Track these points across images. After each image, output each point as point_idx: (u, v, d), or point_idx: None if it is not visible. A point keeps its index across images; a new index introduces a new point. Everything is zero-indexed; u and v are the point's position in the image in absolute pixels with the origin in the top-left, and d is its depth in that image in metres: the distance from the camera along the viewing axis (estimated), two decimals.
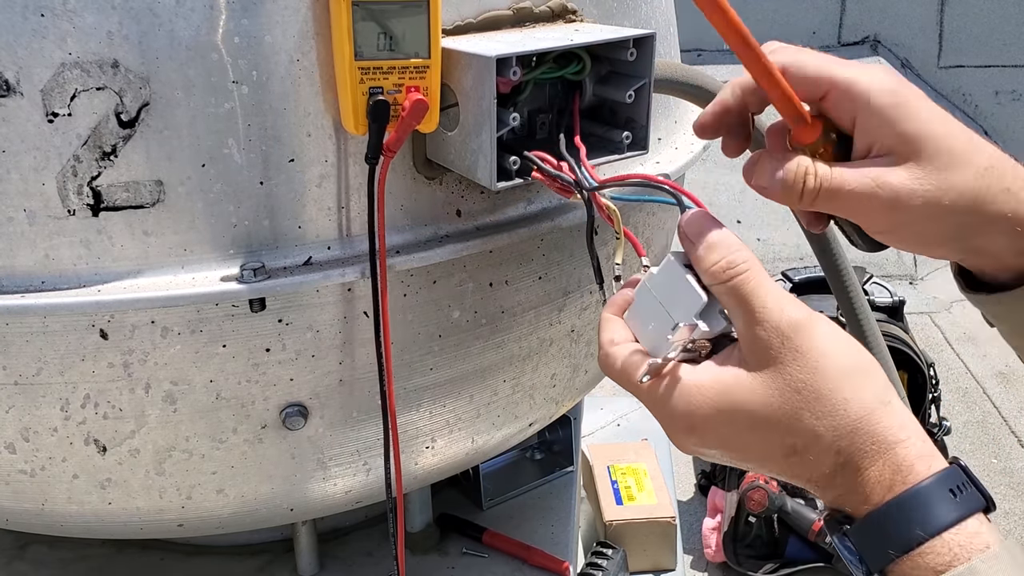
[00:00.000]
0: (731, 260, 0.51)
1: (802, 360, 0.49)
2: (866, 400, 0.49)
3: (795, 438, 0.50)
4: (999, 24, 4.12)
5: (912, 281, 3.35)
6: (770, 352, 0.50)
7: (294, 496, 0.74)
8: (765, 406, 0.50)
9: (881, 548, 0.48)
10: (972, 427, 2.56)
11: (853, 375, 0.50)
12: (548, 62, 0.63)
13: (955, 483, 0.49)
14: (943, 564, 0.47)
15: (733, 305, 0.51)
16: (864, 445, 0.49)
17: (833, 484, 0.50)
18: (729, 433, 0.52)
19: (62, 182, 0.61)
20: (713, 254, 0.52)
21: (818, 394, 0.49)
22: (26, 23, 0.58)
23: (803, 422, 0.50)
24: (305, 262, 0.65)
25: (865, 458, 0.49)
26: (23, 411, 0.67)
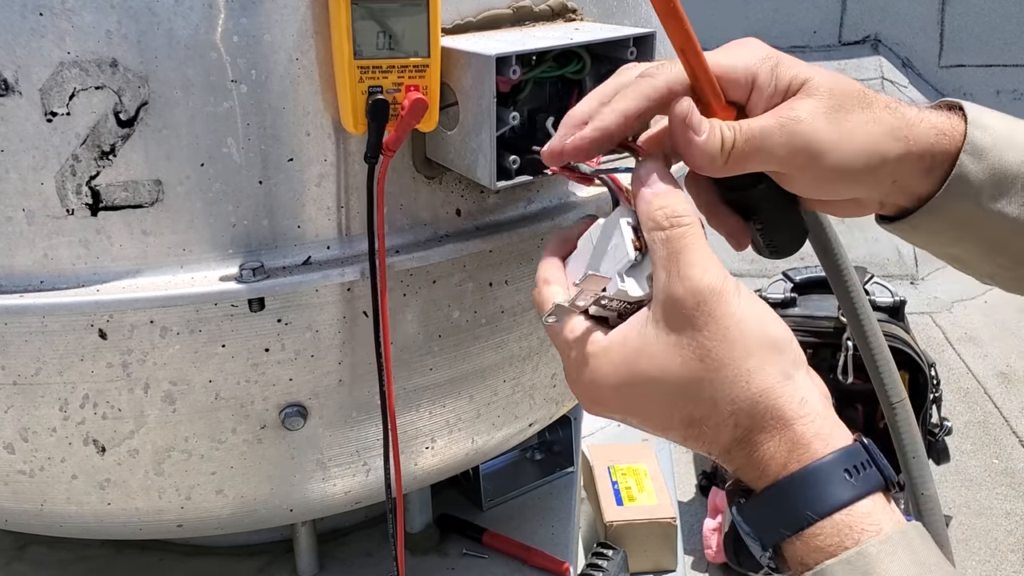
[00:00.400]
0: (677, 211, 0.50)
1: (712, 326, 0.48)
2: (769, 373, 0.48)
3: (693, 408, 0.49)
4: (1000, 23, 4.12)
5: (913, 281, 3.35)
6: (683, 312, 0.49)
7: (293, 497, 0.74)
8: (667, 372, 0.49)
9: (773, 526, 0.48)
10: (973, 427, 2.56)
11: (761, 348, 0.49)
12: (548, 61, 0.63)
13: (854, 462, 0.47)
14: (833, 546, 0.46)
15: (662, 257, 0.50)
16: (762, 420, 0.48)
17: (731, 457, 0.50)
18: (631, 400, 0.51)
19: (61, 181, 0.60)
20: (661, 199, 0.50)
21: (721, 363, 0.48)
22: (25, 22, 0.58)
23: (703, 391, 0.49)
24: (304, 262, 0.65)
25: (762, 432, 0.48)
26: (22, 411, 0.67)
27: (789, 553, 0.48)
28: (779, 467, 0.48)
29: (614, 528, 1.38)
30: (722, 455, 0.50)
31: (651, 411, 0.51)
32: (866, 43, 4.21)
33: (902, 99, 0.61)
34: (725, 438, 0.49)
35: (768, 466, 0.48)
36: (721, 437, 0.49)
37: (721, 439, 0.49)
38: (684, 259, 0.49)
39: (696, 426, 0.50)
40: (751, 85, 0.54)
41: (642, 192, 0.51)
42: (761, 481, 0.48)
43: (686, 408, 0.50)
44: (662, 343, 0.49)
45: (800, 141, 0.53)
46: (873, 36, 4.22)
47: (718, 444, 0.50)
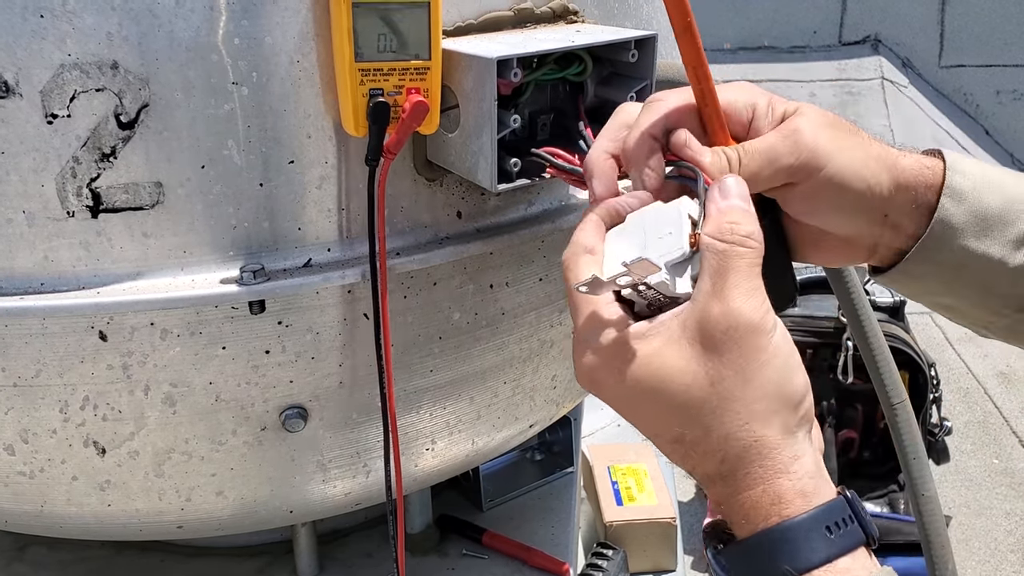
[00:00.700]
0: (744, 231, 0.49)
1: (735, 356, 0.48)
2: (772, 423, 0.48)
3: (687, 427, 0.49)
4: (1000, 23, 4.12)
5: None
6: (712, 331, 0.48)
7: (294, 498, 0.74)
8: (674, 383, 0.48)
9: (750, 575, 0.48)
10: (973, 427, 2.56)
11: (774, 396, 0.48)
12: (549, 63, 0.63)
13: (836, 518, 0.47)
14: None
15: (712, 269, 0.48)
16: (751, 465, 0.48)
17: (714, 488, 0.49)
18: (631, 396, 0.50)
19: (61, 184, 0.60)
20: (735, 215, 0.49)
21: (730, 396, 0.48)
22: (25, 24, 0.58)
23: (702, 416, 0.48)
24: (305, 264, 0.65)
25: (748, 477, 0.48)
26: (22, 413, 0.67)
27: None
28: (761, 517, 0.48)
29: (614, 528, 1.38)
30: (703, 481, 0.50)
31: (645, 414, 0.51)
32: (866, 43, 4.21)
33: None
34: (709, 468, 0.49)
35: (749, 514, 0.48)
36: (705, 465, 0.49)
37: (705, 467, 0.49)
38: (732, 279, 0.48)
39: (682, 445, 0.50)
40: (751, 115, 0.56)
41: (720, 201, 0.50)
42: (742, 528, 0.48)
43: (679, 425, 0.49)
44: (682, 352, 0.49)
45: (804, 149, 0.55)
46: (873, 36, 4.22)
47: (700, 470, 0.50)
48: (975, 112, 4.18)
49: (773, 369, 0.48)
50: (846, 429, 2.29)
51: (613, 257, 0.52)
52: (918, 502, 0.96)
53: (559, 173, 0.62)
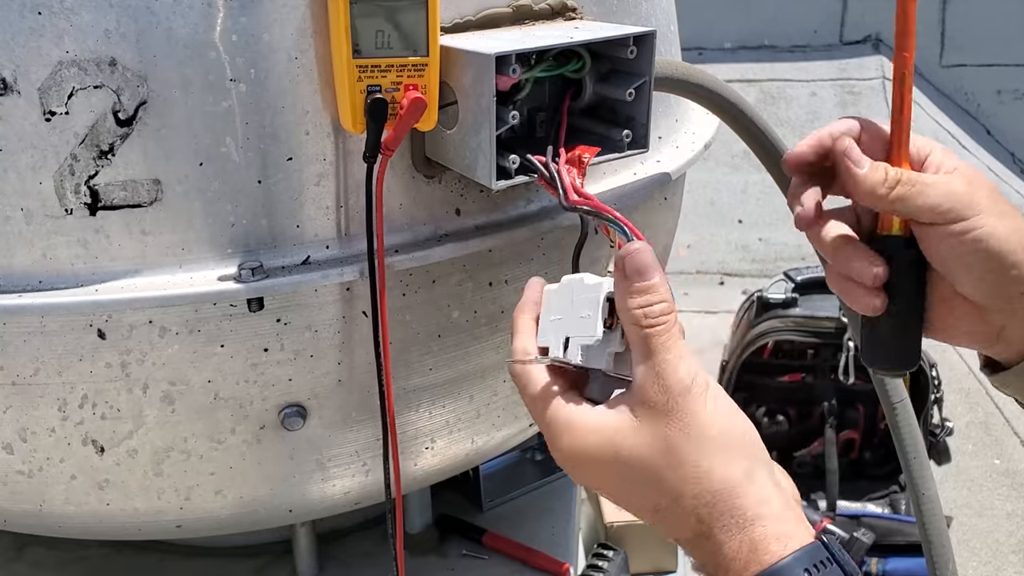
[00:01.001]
0: (655, 310, 0.52)
1: (678, 423, 0.51)
2: (730, 474, 0.50)
3: (658, 497, 0.52)
4: (1001, 23, 4.11)
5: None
6: (656, 407, 0.51)
7: (293, 497, 0.74)
8: (639, 458, 0.52)
9: None
10: (975, 428, 2.56)
11: (723, 448, 0.51)
12: (548, 60, 0.63)
13: (814, 560, 0.48)
14: None
15: (640, 352, 0.52)
16: (723, 518, 0.50)
17: (695, 549, 0.51)
18: (608, 478, 0.54)
19: (59, 181, 0.60)
20: (641, 297, 0.53)
21: (682, 459, 0.51)
22: (23, 21, 0.58)
23: (666, 483, 0.51)
24: (303, 261, 0.65)
25: (724, 531, 0.50)
26: (20, 411, 0.67)
27: None
28: (741, 567, 0.49)
29: (614, 529, 1.38)
30: (686, 545, 0.52)
31: (624, 492, 0.54)
32: (867, 43, 4.21)
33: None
34: (687, 531, 0.51)
35: (731, 567, 0.49)
36: (683, 529, 0.51)
37: (684, 531, 0.51)
38: (659, 358, 0.52)
39: (660, 513, 0.52)
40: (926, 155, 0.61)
41: (623, 285, 0.53)
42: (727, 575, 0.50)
43: (653, 496, 0.52)
44: (636, 430, 0.52)
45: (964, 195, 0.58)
46: (874, 36, 4.22)
47: (682, 535, 0.52)
48: (976, 111, 4.18)
49: (715, 424, 0.51)
50: (847, 429, 2.29)
51: (544, 324, 0.58)
52: (919, 502, 0.95)
53: (547, 186, 0.62)
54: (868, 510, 2.14)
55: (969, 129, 4.09)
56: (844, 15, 4.21)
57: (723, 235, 3.50)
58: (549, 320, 0.58)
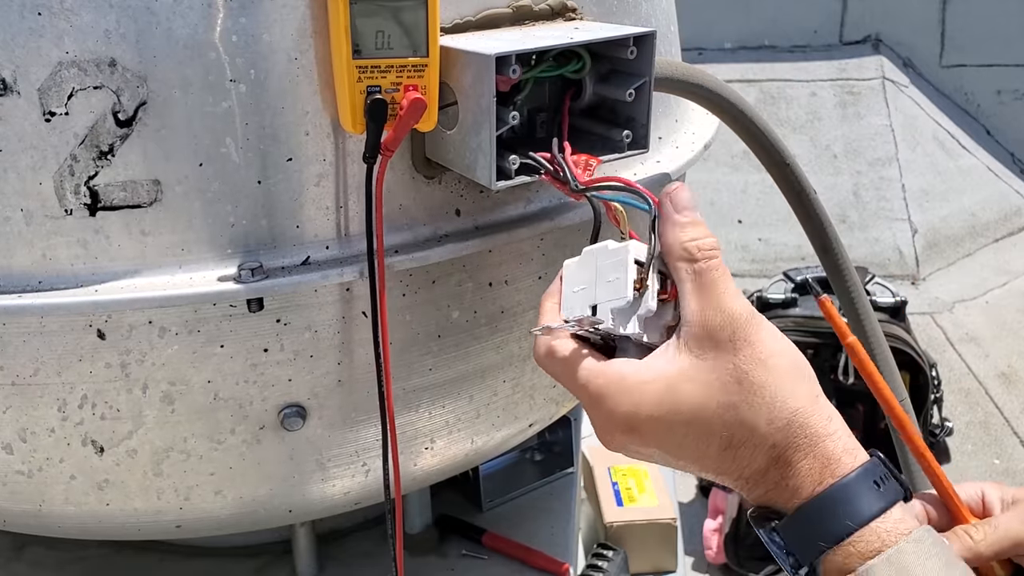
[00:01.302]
0: (707, 244, 0.53)
1: (749, 351, 0.51)
2: (800, 395, 0.51)
3: (732, 431, 0.51)
4: (1001, 23, 4.11)
5: (914, 281, 3.35)
6: (719, 338, 0.51)
7: (293, 497, 0.74)
8: (708, 397, 0.51)
9: (812, 541, 0.50)
10: (974, 428, 2.56)
11: (791, 372, 0.52)
12: (548, 60, 0.63)
13: (878, 475, 0.51)
14: (872, 550, 0.49)
15: (693, 287, 0.52)
16: (797, 438, 0.51)
17: (764, 480, 0.52)
18: (669, 430, 0.52)
19: (59, 181, 0.60)
20: (691, 231, 0.53)
21: (759, 386, 0.51)
22: (23, 22, 0.58)
23: (741, 414, 0.51)
24: (303, 262, 0.65)
25: (798, 451, 0.51)
26: (20, 412, 0.67)
27: (827, 565, 0.50)
28: (814, 483, 0.50)
29: (614, 529, 1.38)
30: (756, 478, 0.52)
31: (688, 440, 0.52)
32: (867, 43, 4.20)
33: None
34: (761, 460, 0.51)
35: (803, 483, 0.50)
36: (757, 460, 0.51)
37: (757, 462, 0.51)
38: (717, 290, 0.52)
39: (733, 449, 0.51)
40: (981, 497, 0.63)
41: (673, 221, 0.54)
42: (795, 499, 0.51)
43: (726, 432, 0.51)
44: (700, 369, 0.51)
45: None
46: (874, 36, 4.21)
47: (753, 467, 0.51)
48: (976, 112, 4.17)
49: (780, 350, 0.52)
50: None
51: (567, 295, 0.56)
52: None
53: (552, 180, 0.62)
54: None
55: (969, 129, 4.09)
56: (844, 15, 4.21)
57: (723, 235, 3.49)
58: (573, 292, 0.56)
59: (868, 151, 3.76)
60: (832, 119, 3.84)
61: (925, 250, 3.42)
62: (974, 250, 3.50)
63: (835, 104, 3.90)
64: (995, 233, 3.64)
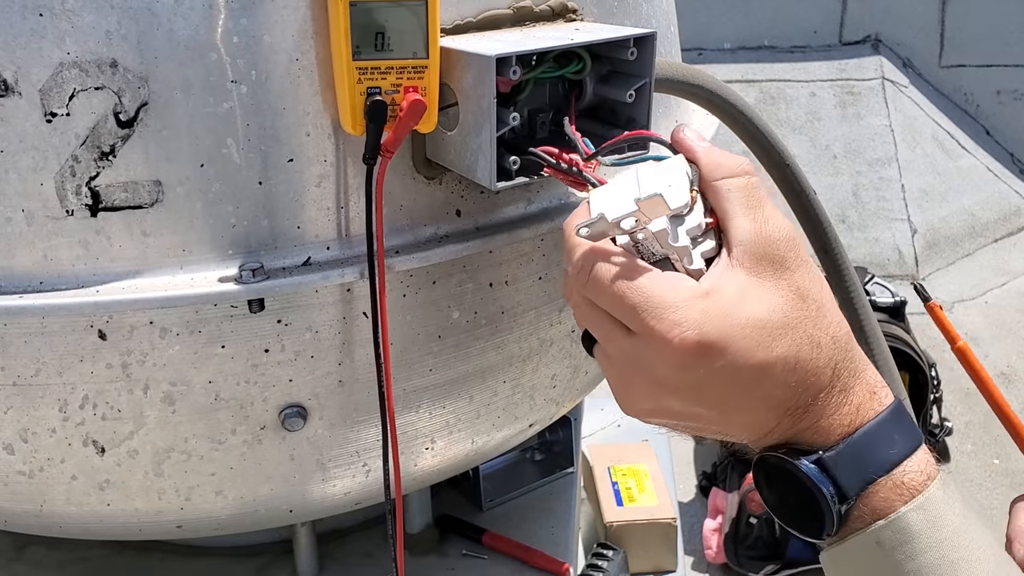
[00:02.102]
0: (746, 161, 0.52)
1: (807, 268, 0.49)
2: (843, 319, 0.50)
3: (798, 349, 0.48)
4: (1001, 23, 4.11)
5: (914, 281, 3.35)
6: (776, 254, 0.49)
7: (293, 497, 0.74)
8: (773, 312, 0.48)
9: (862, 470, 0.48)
10: (974, 428, 2.56)
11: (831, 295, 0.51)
12: (548, 61, 0.63)
13: (904, 412, 0.50)
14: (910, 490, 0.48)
15: (745, 205, 0.50)
16: (851, 363, 0.50)
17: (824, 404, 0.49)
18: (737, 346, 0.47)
19: (60, 182, 0.60)
20: (723, 154, 0.52)
21: (822, 304, 0.49)
22: (25, 23, 0.58)
23: (805, 330, 0.48)
24: (304, 262, 0.65)
25: (852, 377, 0.49)
26: (21, 412, 0.67)
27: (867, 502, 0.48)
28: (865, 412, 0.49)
29: (614, 528, 1.38)
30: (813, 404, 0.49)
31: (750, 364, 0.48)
32: (867, 43, 4.20)
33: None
34: (824, 380, 0.49)
35: (857, 411, 0.49)
36: (821, 380, 0.49)
37: (820, 382, 0.49)
38: (768, 205, 0.50)
39: (797, 371, 0.48)
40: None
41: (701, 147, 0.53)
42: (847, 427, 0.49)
43: (790, 350, 0.48)
44: (760, 286, 0.49)
45: None
46: (874, 36, 4.21)
47: (814, 390, 0.49)
48: (975, 112, 4.18)
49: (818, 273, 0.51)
50: None
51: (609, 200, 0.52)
52: None
53: (556, 173, 0.62)
54: None
55: (969, 129, 4.09)
56: (844, 15, 4.21)
57: None
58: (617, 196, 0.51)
59: (868, 151, 3.76)
60: (832, 119, 3.84)
61: (925, 250, 3.42)
62: (974, 250, 3.50)
63: (835, 104, 3.90)
64: (994, 233, 3.64)
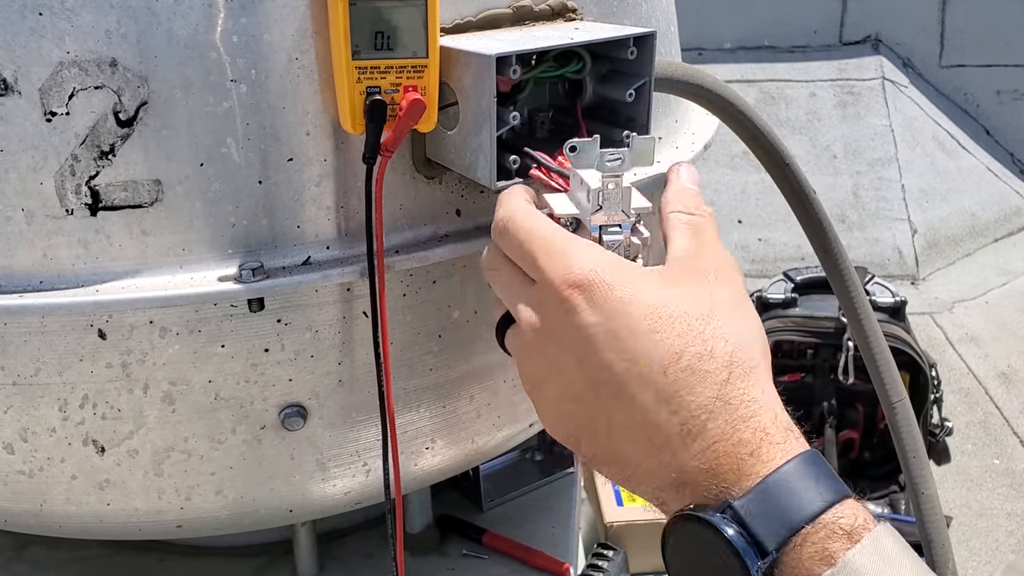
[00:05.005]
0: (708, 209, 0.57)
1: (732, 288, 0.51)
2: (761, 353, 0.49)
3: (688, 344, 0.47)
4: (1001, 23, 4.11)
5: (914, 281, 3.35)
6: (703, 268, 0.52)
7: (293, 497, 0.74)
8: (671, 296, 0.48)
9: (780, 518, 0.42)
10: (974, 428, 2.56)
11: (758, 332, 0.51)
12: (548, 60, 0.63)
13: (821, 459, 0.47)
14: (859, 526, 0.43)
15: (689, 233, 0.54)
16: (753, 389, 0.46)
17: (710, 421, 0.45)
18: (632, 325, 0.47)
19: (60, 181, 0.60)
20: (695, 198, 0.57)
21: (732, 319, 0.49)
22: (24, 22, 0.58)
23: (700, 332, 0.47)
24: (304, 262, 0.65)
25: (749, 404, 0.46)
26: (21, 411, 0.67)
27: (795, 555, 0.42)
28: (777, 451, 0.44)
29: (614, 528, 1.39)
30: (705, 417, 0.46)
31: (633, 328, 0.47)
32: (867, 43, 4.21)
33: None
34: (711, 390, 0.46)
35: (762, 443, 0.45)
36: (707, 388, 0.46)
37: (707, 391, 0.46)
38: (710, 236, 0.54)
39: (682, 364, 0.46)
40: None
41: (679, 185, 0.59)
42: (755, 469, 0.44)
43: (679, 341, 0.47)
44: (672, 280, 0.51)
45: None
46: (874, 36, 4.22)
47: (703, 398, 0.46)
48: (976, 112, 4.18)
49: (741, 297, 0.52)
50: (847, 429, 2.29)
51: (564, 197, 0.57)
52: (918, 501, 0.95)
53: (547, 174, 0.62)
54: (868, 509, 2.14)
55: (969, 129, 4.09)
56: (844, 15, 4.21)
57: (723, 235, 3.48)
58: None
59: (868, 151, 3.76)
60: (832, 119, 3.85)
61: (925, 250, 3.42)
62: (974, 250, 3.50)
63: (835, 104, 3.91)
64: (995, 233, 3.64)
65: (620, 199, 0.55)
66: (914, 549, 0.45)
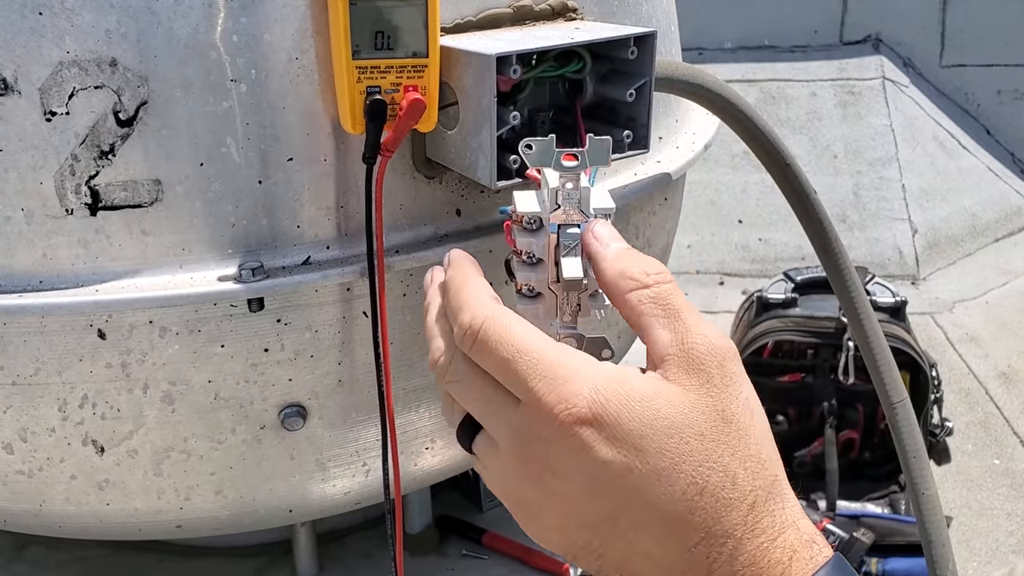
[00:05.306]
0: (654, 266, 0.47)
1: (735, 388, 0.45)
2: (775, 460, 0.45)
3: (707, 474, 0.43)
4: (1001, 23, 4.11)
5: (914, 281, 3.35)
6: (703, 369, 0.45)
7: (293, 497, 0.74)
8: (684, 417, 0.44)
9: None
10: (974, 428, 2.56)
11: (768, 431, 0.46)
12: (548, 60, 0.63)
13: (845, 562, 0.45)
14: None
15: (660, 316, 0.46)
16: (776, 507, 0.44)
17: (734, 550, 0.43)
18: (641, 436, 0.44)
19: (60, 181, 0.60)
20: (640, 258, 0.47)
21: (746, 434, 0.44)
22: (24, 21, 0.58)
23: (720, 458, 0.44)
24: (304, 262, 0.65)
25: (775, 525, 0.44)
26: (21, 411, 0.67)
27: None
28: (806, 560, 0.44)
29: None
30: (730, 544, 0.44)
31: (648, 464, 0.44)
32: (867, 43, 4.21)
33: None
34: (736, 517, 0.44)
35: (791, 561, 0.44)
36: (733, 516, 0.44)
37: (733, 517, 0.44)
38: (687, 313, 0.46)
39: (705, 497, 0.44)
40: None
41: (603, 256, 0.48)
42: None
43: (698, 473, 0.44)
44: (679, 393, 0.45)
45: None
46: (874, 36, 4.21)
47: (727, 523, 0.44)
48: (976, 112, 4.18)
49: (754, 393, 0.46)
50: (847, 429, 2.29)
51: None
52: (919, 501, 0.96)
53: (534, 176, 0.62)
54: (868, 510, 2.14)
55: (969, 129, 4.09)
56: (844, 15, 4.21)
57: (723, 235, 3.50)
58: None
59: (868, 151, 3.76)
60: (832, 119, 3.85)
61: (925, 250, 3.42)
62: (974, 250, 3.50)
63: (835, 104, 3.90)
64: (995, 233, 3.64)
65: (579, 199, 0.52)
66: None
